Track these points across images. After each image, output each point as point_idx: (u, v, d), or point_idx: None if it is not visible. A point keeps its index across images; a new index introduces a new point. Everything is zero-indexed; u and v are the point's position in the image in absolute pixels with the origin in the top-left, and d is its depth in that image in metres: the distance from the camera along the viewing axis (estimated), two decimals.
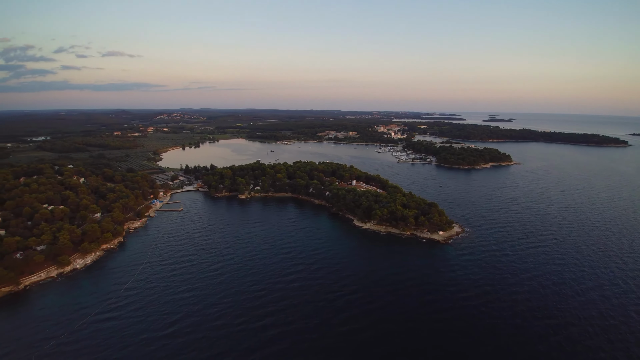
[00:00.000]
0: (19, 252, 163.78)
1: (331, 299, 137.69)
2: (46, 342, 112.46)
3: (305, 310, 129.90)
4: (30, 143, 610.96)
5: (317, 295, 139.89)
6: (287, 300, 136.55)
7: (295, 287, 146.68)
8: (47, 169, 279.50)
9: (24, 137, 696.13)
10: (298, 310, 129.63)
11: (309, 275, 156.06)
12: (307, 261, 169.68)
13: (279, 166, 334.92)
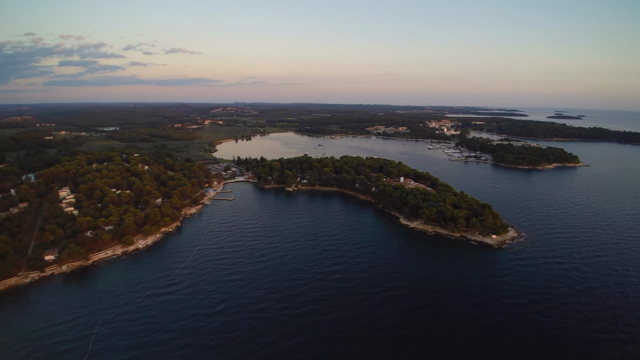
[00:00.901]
0: (90, 231, 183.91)
1: (371, 293, 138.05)
2: (109, 312, 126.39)
3: (345, 303, 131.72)
4: (102, 133, 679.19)
5: (357, 289, 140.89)
6: (327, 291, 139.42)
7: (336, 279, 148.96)
8: (116, 157, 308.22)
9: (96, 127, 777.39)
10: (337, 302, 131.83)
11: (350, 269, 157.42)
12: (350, 255, 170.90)
13: (326, 160, 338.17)
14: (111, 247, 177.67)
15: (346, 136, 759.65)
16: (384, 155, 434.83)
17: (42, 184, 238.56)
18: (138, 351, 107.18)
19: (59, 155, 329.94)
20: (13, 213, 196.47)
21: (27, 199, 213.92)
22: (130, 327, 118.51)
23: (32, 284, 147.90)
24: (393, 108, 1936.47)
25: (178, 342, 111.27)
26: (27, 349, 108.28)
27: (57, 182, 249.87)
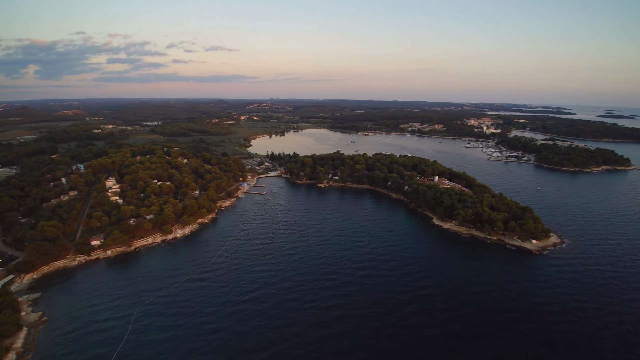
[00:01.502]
0: (132, 219, 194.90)
1: (399, 292, 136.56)
2: (148, 296, 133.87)
3: (371, 299, 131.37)
4: (146, 127, 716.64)
5: (384, 287, 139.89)
6: (354, 287, 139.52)
7: (364, 275, 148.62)
8: (158, 150, 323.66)
9: (141, 121, 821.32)
10: (365, 298, 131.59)
11: (379, 266, 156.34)
12: (379, 253, 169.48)
13: (359, 157, 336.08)
14: (151, 235, 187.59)
15: (379, 133, 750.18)
16: (418, 153, 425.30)
17: (90, 173, 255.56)
18: (173, 332, 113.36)
19: (106, 147, 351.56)
20: (64, 200, 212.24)
21: (76, 187, 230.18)
22: (166, 310, 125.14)
23: (79, 266, 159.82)
24: (429, 105, 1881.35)
25: (210, 326, 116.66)
26: (71, 326, 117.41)
27: (104, 172, 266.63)
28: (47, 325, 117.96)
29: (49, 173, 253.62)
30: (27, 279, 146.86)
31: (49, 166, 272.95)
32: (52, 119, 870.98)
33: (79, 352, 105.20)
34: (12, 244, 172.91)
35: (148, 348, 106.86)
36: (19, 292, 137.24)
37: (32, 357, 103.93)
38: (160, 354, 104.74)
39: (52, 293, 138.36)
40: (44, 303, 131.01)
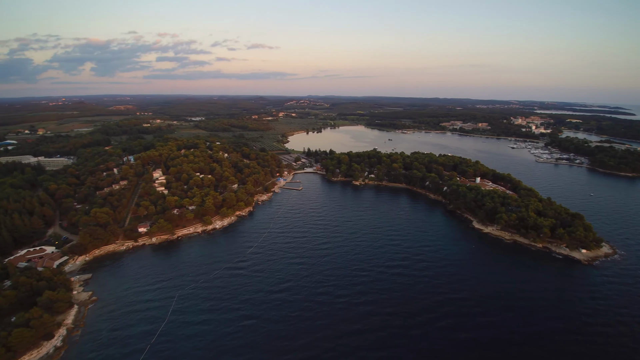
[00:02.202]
0: (176, 209, 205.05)
1: (432, 294, 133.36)
2: (188, 283, 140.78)
3: (403, 299, 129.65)
4: (190, 122, 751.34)
5: (417, 288, 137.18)
6: (386, 285, 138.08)
7: (396, 274, 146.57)
8: (201, 144, 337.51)
9: (186, 116, 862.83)
10: (397, 299, 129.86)
11: (412, 266, 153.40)
12: (413, 253, 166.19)
13: (396, 156, 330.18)
14: (193, 225, 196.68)
15: (418, 131, 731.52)
16: (459, 153, 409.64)
17: (139, 165, 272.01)
18: (209, 316, 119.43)
19: (154, 140, 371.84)
20: (115, 189, 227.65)
21: (127, 177, 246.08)
22: (204, 295, 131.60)
23: (127, 251, 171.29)
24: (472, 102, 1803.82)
25: (243, 313, 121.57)
26: (118, 305, 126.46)
27: (152, 164, 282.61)
28: (96, 304, 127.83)
29: (102, 163, 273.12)
30: (79, 261, 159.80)
31: (102, 157, 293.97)
32: (106, 113, 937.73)
33: (125, 329, 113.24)
34: (67, 228, 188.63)
35: (187, 329, 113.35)
36: (72, 272, 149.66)
37: (81, 333, 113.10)
38: (198, 335, 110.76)
39: (101, 274, 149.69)
40: (94, 283, 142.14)
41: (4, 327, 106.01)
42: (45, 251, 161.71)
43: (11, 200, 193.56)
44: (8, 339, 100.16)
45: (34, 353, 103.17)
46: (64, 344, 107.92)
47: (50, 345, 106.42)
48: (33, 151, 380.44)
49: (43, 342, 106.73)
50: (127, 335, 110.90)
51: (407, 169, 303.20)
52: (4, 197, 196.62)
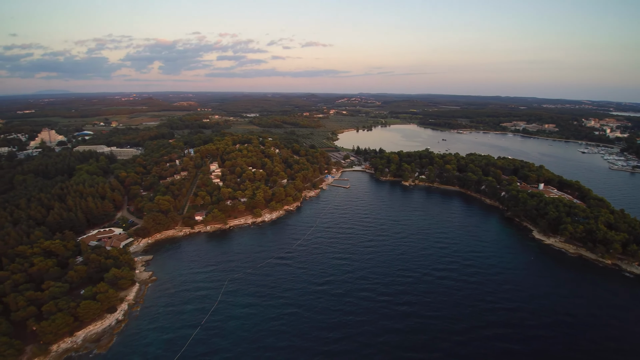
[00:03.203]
0: (229, 200, 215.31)
1: (480, 301, 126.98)
2: (237, 271, 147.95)
3: (448, 304, 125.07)
4: (245, 118, 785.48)
5: (464, 297, 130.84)
6: (431, 292, 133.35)
7: (443, 281, 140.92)
8: (254, 140, 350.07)
9: (241, 113, 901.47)
10: (441, 303, 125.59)
11: (461, 275, 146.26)
12: (462, 259, 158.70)
13: (449, 156, 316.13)
14: (244, 217, 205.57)
15: (476, 131, 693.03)
16: (521, 156, 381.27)
17: (198, 157, 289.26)
18: (255, 303, 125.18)
19: (212, 135, 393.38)
20: (176, 179, 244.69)
21: (187, 169, 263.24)
22: (251, 284, 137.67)
23: (184, 237, 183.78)
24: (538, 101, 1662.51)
25: (287, 302, 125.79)
26: (173, 286, 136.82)
27: (209, 157, 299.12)
28: (155, 284, 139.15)
29: (166, 155, 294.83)
30: (142, 243, 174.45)
31: (166, 149, 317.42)
32: (171, 109, 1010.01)
33: (179, 308, 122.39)
34: (134, 213, 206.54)
35: (235, 312, 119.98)
36: (135, 253, 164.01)
37: (141, 308, 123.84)
38: (245, 318, 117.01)
39: (161, 257, 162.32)
40: (154, 264, 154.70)
41: (73, 298, 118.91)
42: (114, 232, 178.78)
43: (86, 185, 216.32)
44: (77, 309, 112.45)
45: (98, 324, 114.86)
46: (125, 317, 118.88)
47: (113, 318, 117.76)
48: (107, 141, 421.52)
49: (107, 315, 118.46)
50: (181, 313, 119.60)
51: (461, 171, 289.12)
52: (80, 182, 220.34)
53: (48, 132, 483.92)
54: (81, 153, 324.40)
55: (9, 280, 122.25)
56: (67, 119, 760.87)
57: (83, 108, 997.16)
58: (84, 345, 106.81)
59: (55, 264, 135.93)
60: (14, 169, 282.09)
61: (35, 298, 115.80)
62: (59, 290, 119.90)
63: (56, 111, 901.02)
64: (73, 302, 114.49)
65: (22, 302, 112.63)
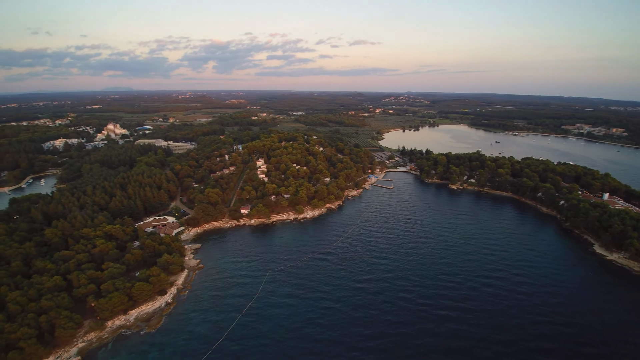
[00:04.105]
0: (273, 196, 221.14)
1: (529, 317, 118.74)
2: (278, 264, 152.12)
3: (493, 315, 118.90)
4: (291, 116, 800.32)
5: (511, 306, 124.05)
6: (475, 301, 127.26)
7: (487, 290, 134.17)
8: (299, 138, 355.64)
9: (288, 111, 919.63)
10: (484, 312, 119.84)
11: (509, 283, 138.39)
12: (512, 270, 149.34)
13: (503, 160, 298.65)
14: (286, 212, 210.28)
15: (534, 134, 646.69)
16: (584, 162, 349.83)
17: (246, 153, 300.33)
18: (294, 298, 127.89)
19: (259, 132, 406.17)
20: (225, 173, 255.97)
21: (235, 164, 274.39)
22: (291, 277, 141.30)
23: (230, 228, 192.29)
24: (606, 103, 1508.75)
25: (325, 298, 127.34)
26: (218, 274, 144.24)
27: (256, 153, 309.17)
28: (202, 271, 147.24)
29: (216, 150, 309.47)
30: (192, 232, 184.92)
31: (217, 144, 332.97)
32: (222, 106, 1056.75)
33: (223, 295, 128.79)
34: (186, 203, 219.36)
35: (274, 305, 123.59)
36: (186, 241, 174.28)
37: (188, 293, 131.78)
38: (282, 312, 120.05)
39: (208, 246, 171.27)
40: (202, 253, 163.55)
41: (129, 279, 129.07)
42: (167, 221, 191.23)
43: (145, 175, 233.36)
44: (131, 290, 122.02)
45: (149, 305, 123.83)
46: (174, 300, 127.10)
47: (163, 300, 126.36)
48: (164, 136, 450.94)
49: (157, 297, 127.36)
50: (224, 301, 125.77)
51: (515, 176, 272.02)
52: (140, 173, 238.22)
53: (113, 126, 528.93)
54: (141, 146, 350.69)
55: (73, 259, 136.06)
56: (130, 114, 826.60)
57: (144, 104, 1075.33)
58: (136, 323, 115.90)
59: (115, 247, 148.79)
60: (82, 159, 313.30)
61: (95, 277, 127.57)
62: (117, 271, 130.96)
63: (121, 107, 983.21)
64: (128, 283, 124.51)
65: (83, 280, 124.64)
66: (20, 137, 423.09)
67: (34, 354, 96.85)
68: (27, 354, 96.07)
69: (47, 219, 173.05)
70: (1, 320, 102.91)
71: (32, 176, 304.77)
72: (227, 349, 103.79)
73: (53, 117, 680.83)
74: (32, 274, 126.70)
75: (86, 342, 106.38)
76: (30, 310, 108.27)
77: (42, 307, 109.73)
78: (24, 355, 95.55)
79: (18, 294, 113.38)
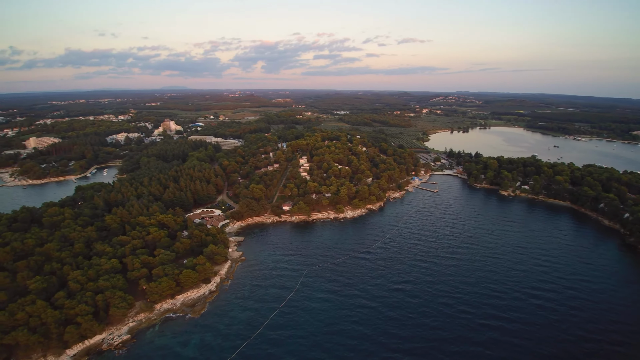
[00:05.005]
0: (314, 194, 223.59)
1: (580, 331, 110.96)
2: (316, 261, 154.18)
3: (539, 330, 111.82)
4: (335, 115, 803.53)
5: (560, 322, 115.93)
6: (521, 314, 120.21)
7: (536, 303, 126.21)
8: (342, 137, 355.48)
9: (332, 110, 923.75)
10: (532, 331, 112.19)
11: (561, 300, 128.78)
12: (565, 286, 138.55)
13: (561, 166, 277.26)
14: (327, 211, 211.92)
15: (597, 139, 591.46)
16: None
17: (290, 151, 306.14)
18: (331, 295, 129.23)
19: (303, 131, 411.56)
20: (269, 170, 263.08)
21: (279, 161, 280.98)
22: (329, 275, 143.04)
23: (272, 224, 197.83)
24: None
25: (361, 299, 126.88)
26: (260, 267, 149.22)
27: (299, 151, 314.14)
28: (244, 263, 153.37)
29: (262, 147, 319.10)
30: (236, 225, 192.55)
31: (262, 142, 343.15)
32: (269, 105, 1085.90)
33: (263, 288, 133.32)
34: (231, 197, 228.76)
35: (311, 300, 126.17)
36: (230, 233, 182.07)
37: (230, 283, 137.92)
38: (320, 306, 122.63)
39: (250, 239, 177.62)
40: (244, 246, 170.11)
41: (177, 266, 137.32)
42: (214, 213, 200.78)
43: (196, 170, 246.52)
44: (179, 276, 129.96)
45: (194, 291, 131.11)
46: (217, 289, 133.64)
47: (207, 288, 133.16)
48: (214, 133, 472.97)
49: (202, 285, 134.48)
50: (264, 292, 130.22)
51: (574, 185, 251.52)
52: (191, 167, 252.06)
53: (169, 122, 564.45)
54: (193, 142, 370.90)
55: (129, 244, 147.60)
56: (184, 111, 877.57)
57: (197, 103, 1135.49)
58: (182, 308, 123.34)
59: (166, 235, 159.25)
60: (141, 152, 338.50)
61: (147, 262, 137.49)
62: (167, 258, 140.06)
63: (176, 105, 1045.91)
64: (177, 270, 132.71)
65: (137, 264, 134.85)
66: (87, 131, 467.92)
67: (89, 330, 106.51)
68: (83, 329, 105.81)
69: (108, 206, 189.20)
70: (62, 296, 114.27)
71: (96, 166, 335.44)
72: (266, 337, 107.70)
73: (116, 113, 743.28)
74: (92, 256, 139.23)
75: (136, 322, 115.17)
76: (89, 289, 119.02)
77: (99, 286, 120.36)
78: (80, 330, 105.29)
79: (79, 273, 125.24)
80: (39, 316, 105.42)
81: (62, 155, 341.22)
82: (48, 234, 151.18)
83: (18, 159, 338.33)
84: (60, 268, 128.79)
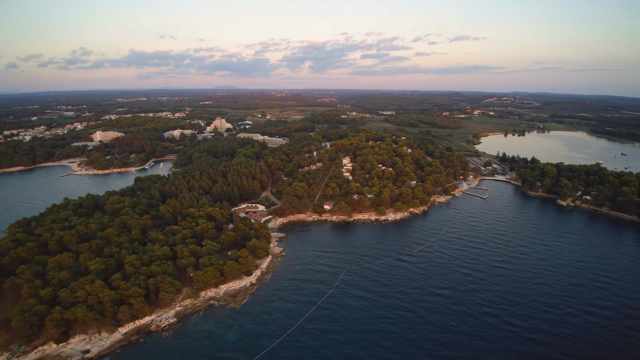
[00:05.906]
0: (356, 195, 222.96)
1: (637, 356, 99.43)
2: (355, 262, 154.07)
3: (593, 353, 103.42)
4: (381, 115, 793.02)
5: (616, 343, 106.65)
6: (571, 331, 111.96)
7: (591, 321, 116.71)
8: (387, 138, 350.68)
9: (378, 110, 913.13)
10: (585, 350, 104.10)
11: (617, 314, 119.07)
12: (624, 301, 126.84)
13: (629, 176, 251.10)
14: (368, 212, 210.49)
15: None
16: None
17: (333, 151, 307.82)
18: (368, 296, 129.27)
19: (347, 130, 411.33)
20: (312, 169, 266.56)
21: (322, 160, 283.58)
22: (367, 276, 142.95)
23: (313, 222, 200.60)
24: None
25: (400, 303, 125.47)
26: (298, 263, 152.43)
27: (343, 151, 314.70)
28: (284, 258, 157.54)
29: (306, 146, 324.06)
30: (278, 222, 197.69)
31: (307, 141, 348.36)
32: (315, 105, 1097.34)
33: (302, 284, 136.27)
34: (275, 194, 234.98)
35: (348, 299, 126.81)
36: (272, 229, 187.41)
37: (270, 277, 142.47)
38: (357, 307, 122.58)
39: (291, 236, 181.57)
40: (285, 242, 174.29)
41: (222, 257, 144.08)
42: (258, 208, 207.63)
43: (243, 166, 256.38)
44: (223, 267, 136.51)
45: (236, 282, 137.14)
46: (257, 282, 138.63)
47: (248, 280, 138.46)
48: (261, 131, 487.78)
49: (244, 276, 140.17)
50: (303, 288, 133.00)
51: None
52: (238, 163, 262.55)
53: (220, 120, 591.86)
54: (242, 139, 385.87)
55: (180, 233, 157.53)
56: (234, 110, 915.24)
57: (246, 102, 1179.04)
58: (224, 297, 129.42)
59: (213, 227, 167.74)
60: (194, 148, 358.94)
61: (195, 251, 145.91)
62: (213, 248, 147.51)
63: (227, 103, 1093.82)
64: (221, 260, 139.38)
65: (186, 252, 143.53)
66: (146, 126, 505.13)
67: (140, 311, 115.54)
68: (135, 310, 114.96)
69: (163, 197, 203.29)
70: (118, 278, 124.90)
71: (153, 160, 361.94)
72: (303, 331, 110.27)
73: (173, 110, 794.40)
74: (147, 242, 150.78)
75: (182, 307, 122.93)
76: (142, 273, 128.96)
77: (152, 271, 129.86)
78: (132, 310, 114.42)
79: (134, 257, 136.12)
80: (96, 295, 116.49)
81: (124, 149, 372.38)
82: (109, 220, 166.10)
83: (85, 150, 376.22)
84: (118, 252, 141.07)
